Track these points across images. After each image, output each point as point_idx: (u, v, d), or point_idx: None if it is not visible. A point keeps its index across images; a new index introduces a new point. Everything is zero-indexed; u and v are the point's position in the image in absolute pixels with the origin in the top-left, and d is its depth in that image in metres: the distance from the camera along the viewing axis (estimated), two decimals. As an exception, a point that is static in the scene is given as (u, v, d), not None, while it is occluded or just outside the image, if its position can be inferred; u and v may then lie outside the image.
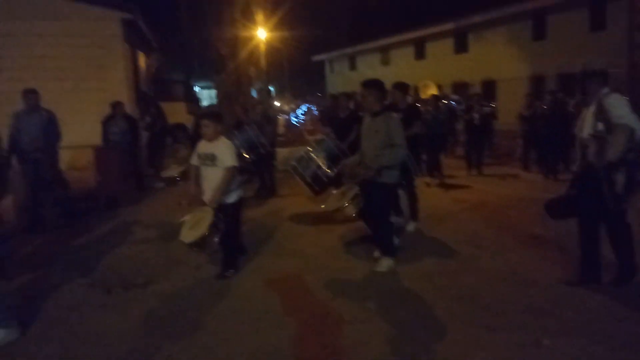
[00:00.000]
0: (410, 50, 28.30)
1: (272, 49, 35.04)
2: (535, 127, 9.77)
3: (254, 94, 15.37)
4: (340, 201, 5.39)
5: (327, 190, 6.55)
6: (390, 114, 4.90)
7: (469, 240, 5.76)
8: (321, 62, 38.95)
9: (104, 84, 10.83)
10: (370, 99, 4.88)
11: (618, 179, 3.74)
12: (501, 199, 7.77)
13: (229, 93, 15.21)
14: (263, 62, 29.87)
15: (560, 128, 9.02)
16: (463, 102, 13.58)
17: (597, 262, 4.23)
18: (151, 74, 16.73)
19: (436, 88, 14.49)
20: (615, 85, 4.19)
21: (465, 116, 10.91)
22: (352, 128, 6.87)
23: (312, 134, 15.00)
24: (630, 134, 3.68)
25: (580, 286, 4.16)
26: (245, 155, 7.48)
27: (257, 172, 9.03)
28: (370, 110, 4.93)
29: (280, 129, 15.20)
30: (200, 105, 22.56)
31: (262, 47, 29.16)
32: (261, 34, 28.59)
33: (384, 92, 5.00)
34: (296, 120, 25.57)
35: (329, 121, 9.21)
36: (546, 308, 3.85)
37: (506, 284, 4.39)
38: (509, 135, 12.72)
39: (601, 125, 3.83)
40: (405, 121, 6.09)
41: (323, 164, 6.58)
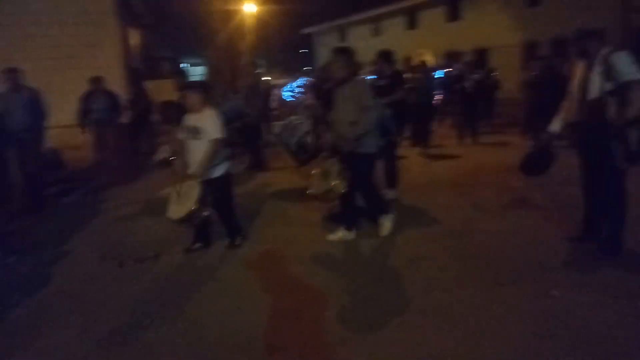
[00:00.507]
0: (402, 20, 28.07)
1: (261, 22, 34.63)
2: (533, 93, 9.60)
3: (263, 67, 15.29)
4: (326, 181, 4.92)
5: (313, 160, 6.21)
6: (357, 78, 4.76)
7: (464, 204, 5.84)
8: (310, 35, 38.53)
9: (96, 62, 10.71)
10: (338, 65, 4.70)
11: (633, 137, 3.69)
12: (493, 166, 7.79)
13: (219, 67, 15.12)
14: (251, 36, 29.56)
15: (553, 94, 8.92)
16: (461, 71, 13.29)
17: (597, 219, 4.20)
18: (142, 51, 16.50)
19: (432, 57, 14.40)
20: (613, 44, 4.02)
21: (457, 85, 10.69)
22: None
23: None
24: None
25: (581, 242, 4.25)
26: (232, 124, 7.33)
27: (246, 145, 8.87)
28: (338, 77, 4.74)
29: (273, 104, 15.08)
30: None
31: (251, 21, 28.81)
32: (249, 7, 28.21)
33: (352, 59, 4.77)
34: (291, 94, 25.34)
35: (316, 92, 9.11)
36: (552, 263, 3.98)
37: (511, 243, 4.51)
38: (508, 103, 12.69)
39: (610, 85, 3.73)
40: (389, 87, 6.28)
41: (309, 133, 6.35)
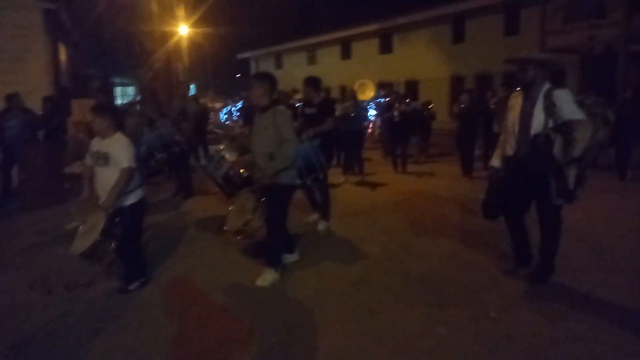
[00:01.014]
0: (337, 49, 28.86)
1: (196, 45, 34.37)
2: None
3: (192, 90, 15.05)
4: (241, 218, 4.68)
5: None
6: (278, 108, 4.41)
7: (402, 229, 6.02)
8: (246, 60, 38.71)
9: (22, 78, 10.18)
10: (259, 92, 4.38)
11: (570, 175, 3.68)
12: (425, 193, 8.08)
13: (154, 88, 14.80)
14: (185, 59, 29.27)
15: (477, 126, 9.43)
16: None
17: (529, 249, 4.31)
18: (70, 69, 15.84)
19: (374, 87, 14.89)
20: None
21: (387, 114, 10.82)
22: None
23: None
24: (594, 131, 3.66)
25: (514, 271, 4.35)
26: (155, 154, 7.11)
27: (173, 171, 8.64)
28: (259, 104, 4.46)
29: (210, 127, 14.89)
30: (113, 101, 21.29)
31: (185, 43, 28.56)
32: (183, 30, 27.99)
33: (274, 86, 4.49)
34: (229, 117, 25.16)
35: (245, 118, 8.96)
36: (487, 285, 4.17)
37: (448, 266, 4.69)
38: (441, 133, 13.25)
39: (551, 122, 3.70)
40: (318, 117, 6.07)
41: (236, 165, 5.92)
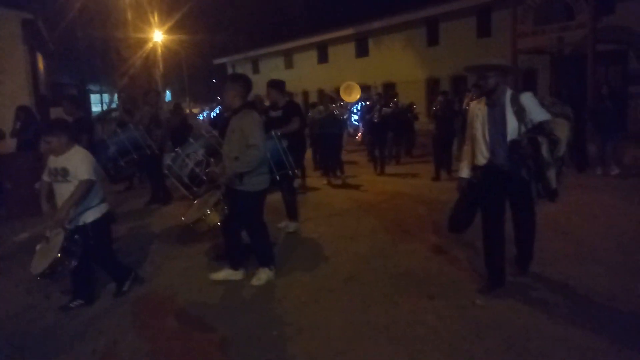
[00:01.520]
0: (313, 54, 29.03)
1: (171, 51, 34.24)
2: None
3: (168, 97, 15.00)
4: (201, 210, 4.69)
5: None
6: (248, 111, 4.34)
7: (385, 228, 6.21)
8: (223, 65, 38.63)
9: (3, 88, 10.12)
10: (231, 93, 4.35)
11: (551, 174, 3.72)
12: (405, 193, 8.28)
13: (133, 95, 14.73)
14: (160, 65, 29.18)
15: (453, 127, 9.58)
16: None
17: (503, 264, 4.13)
18: (47, 77, 15.72)
19: (359, 89, 15.10)
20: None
21: (367, 115, 10.98)
22: None
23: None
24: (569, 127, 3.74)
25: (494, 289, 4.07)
26: (125, 155, 7.07)
27: (147, 178, 8.57)
28: (230, 107, 4.44)
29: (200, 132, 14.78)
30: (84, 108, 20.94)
31: (159, 50, 28.48)
32: (157, 36, 27.92)
33: (248, 89, 4.46)
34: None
35: (213, 121, 8.85)
36: (472, 277, 4.40)
37: (433, 261, 4.91)
38: (422, 134, 13.49)
39: (523, 126, 3.70)
40: (284, 120, 6.12)
41: (201, 163, 5.93)
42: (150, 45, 26.29)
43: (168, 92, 34.23)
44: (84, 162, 4.01)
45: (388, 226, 6.31)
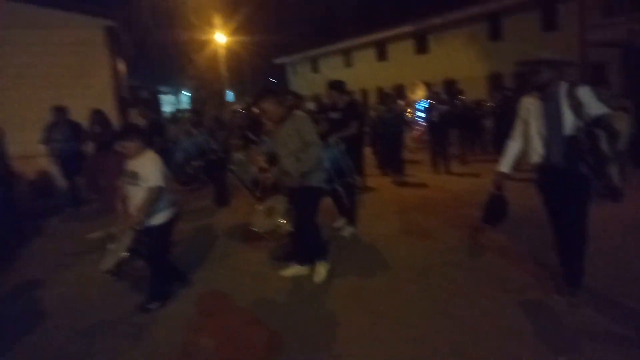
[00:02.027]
0: (372, 52, 29.15)
1: (232, 53, 35.25)
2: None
3: (231, 97, 15.61)
4: (271, 219, 4.76)
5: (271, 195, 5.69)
6: (295, 114, 4.53)
7: (457, 224, 6.30)
8: (283, 65, 39.37)
9: (87, 91, 10.95)
10: (271, 109, 4.48)
11: (613, 171, 3.56)
12: (464, 194, 8.22)
13: (205, 97, 15.50)
14: (223, 66, 30.11)
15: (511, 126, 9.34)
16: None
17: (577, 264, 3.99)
18: (126, 80, 16.77)
19: (425, 88, 15.19)
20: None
21: (427, 115, 10.92)
22: None
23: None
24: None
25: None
26: (191, 161, 7.31)
27: (211, 180, 8.83)
28: (276, 120, 4.55)
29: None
30: (157, 111, 21.82)
31: (222, 52, 29.41)
32: (221, 38, 28.82)
33: (279, 95, 4.63)
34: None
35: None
36: (550, 274, 4.44)
37: (506, 257, 5.02)
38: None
39: (580, 121, 3.59)
40: (343, 121, 6.15)
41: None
42: (214, 47, 27.27)
43: (230, 93, 35.30)
44: (154, 168, 4.21)
45: (454, 223, 6.43)
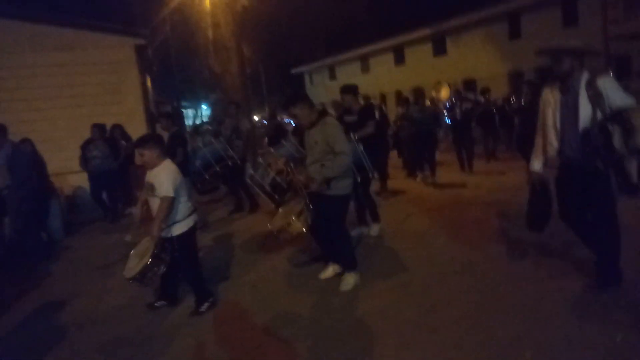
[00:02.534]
0: (390, 56, 29.26)
1: (250, 63, 35.66)
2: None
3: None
4: (286, 218, 4.75)
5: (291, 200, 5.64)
6: (325, 120, 4.52)
7: (491, 222, 6.38)
8: (300, 75, 39.70)
9: (119, 108, 11.23)
10: (302, 114, 4.52)
11: (632, 167, 3.37)
12: (488, 194, 8.25)
13: (225, 107, 15.70)
14: (242, 78, 30.52)
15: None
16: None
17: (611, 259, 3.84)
18: (153, 96, 17.22)
19: (448, 88, 15.19)
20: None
21: (449, 114, 10.84)
22: None
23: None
24: None
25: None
26: (209, 168, 7.43)
27: (230, 189, 8.90)
28: (307, 125, 4.59)
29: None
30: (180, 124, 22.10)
31: (243, 61, 29.83)
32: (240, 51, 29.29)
33: (311, 102, 4.65)
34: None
35: (294, 129, 9.18)
36: (584, 269, 4.35)
37: (547, 247, 5.01)
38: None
39: (599, 113, 3.43)
40: (359, 124, 6.28)
41: (282, 172, 5.87)
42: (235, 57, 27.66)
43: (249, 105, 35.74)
44: (165, 179, 4.22)
45: (488, 218, 6.49)
